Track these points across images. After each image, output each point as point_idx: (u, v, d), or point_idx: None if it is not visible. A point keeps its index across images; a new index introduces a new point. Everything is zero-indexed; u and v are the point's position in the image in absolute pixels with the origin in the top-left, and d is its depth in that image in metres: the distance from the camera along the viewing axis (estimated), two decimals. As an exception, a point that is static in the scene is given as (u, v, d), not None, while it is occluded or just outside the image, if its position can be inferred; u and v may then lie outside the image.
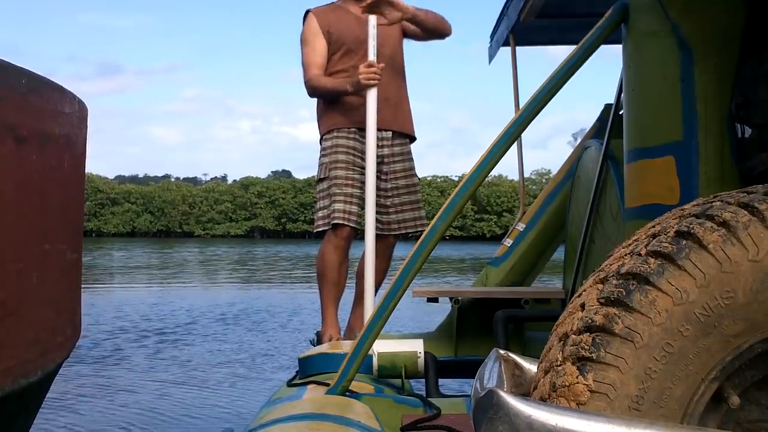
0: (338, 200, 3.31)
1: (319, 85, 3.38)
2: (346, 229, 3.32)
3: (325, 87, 3.38)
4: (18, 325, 1.27)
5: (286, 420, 1.74)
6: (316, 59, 3.41)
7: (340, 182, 3.34)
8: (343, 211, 3.30)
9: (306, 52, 3.45)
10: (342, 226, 3.30)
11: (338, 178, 3.34)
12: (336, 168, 3.36)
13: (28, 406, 1.50)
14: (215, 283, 15.35)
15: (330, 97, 3.41)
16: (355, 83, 3.22)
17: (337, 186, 3.33)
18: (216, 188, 71.54)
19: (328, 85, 3.37)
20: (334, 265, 3.35)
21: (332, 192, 3.33)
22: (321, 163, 3.44)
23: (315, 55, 3.42)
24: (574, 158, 3.62)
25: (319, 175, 3.44)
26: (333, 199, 3.32)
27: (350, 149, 3.38)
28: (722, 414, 1.08)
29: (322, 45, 3.42)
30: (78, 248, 1.62)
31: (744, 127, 1.76)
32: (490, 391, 0.99)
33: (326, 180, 3.38)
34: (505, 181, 62.18)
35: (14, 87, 1.25)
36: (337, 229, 3.31)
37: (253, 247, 39.79)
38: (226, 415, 4.05)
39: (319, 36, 3.42)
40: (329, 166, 3.38)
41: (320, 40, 3.42)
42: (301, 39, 3.49)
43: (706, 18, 1.78)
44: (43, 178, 1.34)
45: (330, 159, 3.38)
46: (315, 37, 3.43)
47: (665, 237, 1.07)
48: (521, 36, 4.41)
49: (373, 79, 3.14)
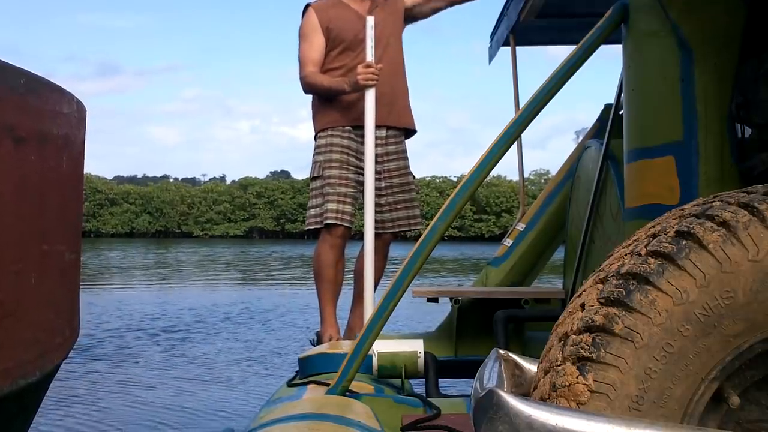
0: (331, 200, 3.31)
1: (316, 82, 3.37)
2: (341, 228, 3.32)
3: (321, 85, 3.37)
4: (16, 326, 1.27)
5: (286, 420, 1.74)
6: (313, 55, 3.39)
7: (334, 181, 3.33)
8: (336, 211, 3.30)
9: (303, 47, 3.43)
10: (336, 226, 3.30)
11: (332, 178, 3.34)
12: (330, 167, 3.35)
13: (27, 406, 1.50)
14: (215, 282, 15.39)
15: (326, 95, 3.40)
16: (353, 83, 3.21)
17: (331, 185, 3.32)
18: (215, 189, 71.41)
19: (325, 83, 3.36)
20: (330, 264, 3.35)
21: (325, 191, 3.33)
22: (315, 161, 3.43)
23: (312, 51, 3.40)
24: (574, 158, 3.62)
25: (313, 173, 3.43)
26: (326, 199, 3.31)
27: (344, 148, 3.37)
28: (722, 414, 1.08)
29: (320, 41, 3.41)
30: (77, 249, 1.62)
31: (744, 127, 1.76)
32: (490, 391, 0.99)
33: (320, 179, 3.38)
34: (504, 181, 62.09)
35: (13, 87, 1.25)
36: (332, 229, 3.31)
37: (252, 247, 39.83)
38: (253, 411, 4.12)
39: (318, 32, 3.40)
40: (323, 164, 3.37)
41: (318, 36, 3.41)
42: (300, 33, 3.47)
43: (706, 18, 1.78)
44: (41, 179, 1.34)
45: (324, 158, 3.37)
46: (313, 32, 3.41)
47: (665, 237, 1.07)
48: (521, 36, 4.41)
49: (371, 80, 3.13)
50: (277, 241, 55.12)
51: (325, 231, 3.33)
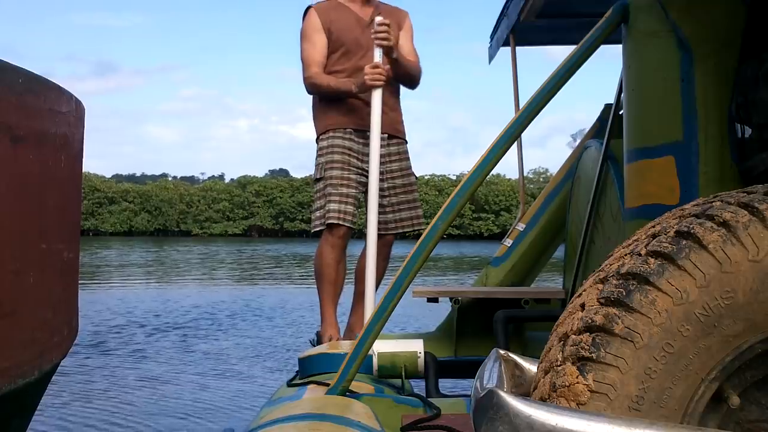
0: (333, 200, 3.31)
1: (322, 83, 3.36)
2: (342, 229, 3.32)
3: (328, 85, 3.36)
4: (15, 326, 1.26)
5: (286, 420, 1.74)
6: (317, 56, 3.39)
7: (336, 182, 3.34)
8: (338, 211, 3.30)
9: (306, 48, 3.42)
10: (338, 226, 3.31)
11: (333, 178, 3.34)
12: (332, 168, 3.36)
13: (26, 406, 1.50)
14: (217, 279, 15.42)
15: (331, 96, 3.39)
16: (360, 84, 3.20)
17: (333, 186, 3.33)
18: (213, 187, 71.21)
19: (332, 84, 3.35)
20: (331, 264, 3.35)
21: (327, 192, 3.33)
22: (317, 164, 3.44)
23: (315, 52, 3.39)
24: (574, 158, 3.62)
25: (316, 175, 3.44)
26: (328, 199, 3.32)
27: (346, 149, 3.37)
28: (722, 414, 1.08)
29: (323, 42, 3.40)
30: (75, 248, 1.62)
31: (744, 127, 1.76)
32: (490, 391, 0.99)
33: (322, 180, 3.38)
34: (503, 180, 61.89)
35: (11, 86, 1.25)
36: (333, 229, 3.32)
37: (252, 246, 39.92)
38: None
39: (320, 32, 3.40)
40: (325, 166, 3.38)
41: (321, 37, 3.40)
42: (302, 35, 3.46)
43: (706, 18, 1.78)
44: (40, 178, 1.34)
45: (326, 159, 3.38)
46: (316, 33, 3.40)
47: (665, 237, 1.07)
48: (521, 36, 4.40)
49: (379, 80, 3.13)
50: (278, 240, 55.21)
51: (326, 231, 3.34)
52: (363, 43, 3.32)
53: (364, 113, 3.29)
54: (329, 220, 3.29)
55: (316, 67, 3.38)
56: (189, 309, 9.31)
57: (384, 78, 3.14)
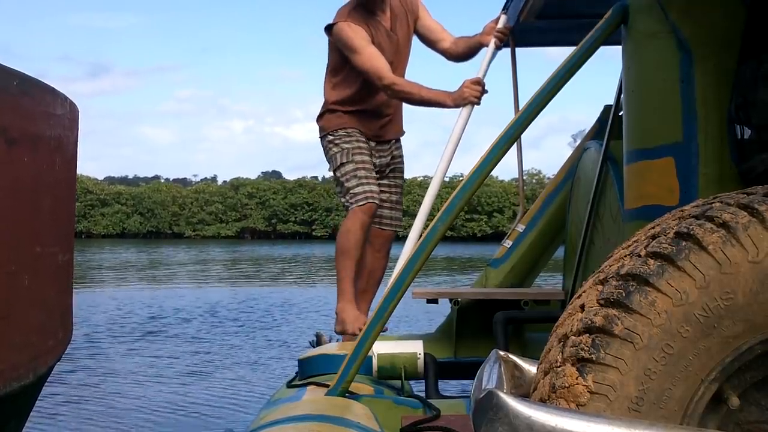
0: (369, 182, 3.34)
1: (412, 91, 3.28)
2: (373, 208, 3.34)
3: (419, 95, 3.27)
4: (9, 329, 1.26)
5: (286, 421, 1.74)
6: (383, 63, 3.27)
7: (368, 166, 3.38)
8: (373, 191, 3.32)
9: (367, 56, 3.27)
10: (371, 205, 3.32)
11: (365, 162, 3.37)
12: (360, 153, 3.38)
13: (20, 409, 1.49)
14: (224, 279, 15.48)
15: (416, 104, 3.37)
16: (456, 98, 3.13)
17: (365, 169, 3.37)
18: (206, 189, 70.73)
19: (423, 93, 3.26)
20: (359, 243, 3.34)
21: (359, 174, 3.35)
22: (342, 149, 3.40)
23: (380, 58, 3.27)
24: (574, 159, 3.62)
25: (341, 159, 3.39)
26: (362, 180, 3.34)
27: (363, 142, 3.43)
28: (722, 415, 1.08)
29: (378, 50, 3.33)
30: (70, 250, 1.61)
31: (743, 128, 1.75)
32: (490, 392, 0.99)
33: (350, 163, 3.38)
34: (496, 181, 61.39)
35: (6, 88, 1.24)
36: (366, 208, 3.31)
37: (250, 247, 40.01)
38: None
39: (369, 40, 3.30)
40: (352, 151, 3.39)
41: (372, 44, 3.32)
42: (351, 47, 3.29)
43: (705, 19, 1.78)
44: (34, 180, 1.33)
45: (351, 145, 3.40)
46: (367, 41, 3.29)
47: (665, 238, 1.07)
48: (521, 37, 4.39)
49: (477, 98, 3.10)
50: (273, 242, 55.28)
51: (359, 209, 3.32)
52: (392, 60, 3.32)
53: (377, 126, 3.42)
54: (369, 199, 3.29)
55: (390, 72, 3.28)
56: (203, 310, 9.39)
57: (480, 97, 3.13)
